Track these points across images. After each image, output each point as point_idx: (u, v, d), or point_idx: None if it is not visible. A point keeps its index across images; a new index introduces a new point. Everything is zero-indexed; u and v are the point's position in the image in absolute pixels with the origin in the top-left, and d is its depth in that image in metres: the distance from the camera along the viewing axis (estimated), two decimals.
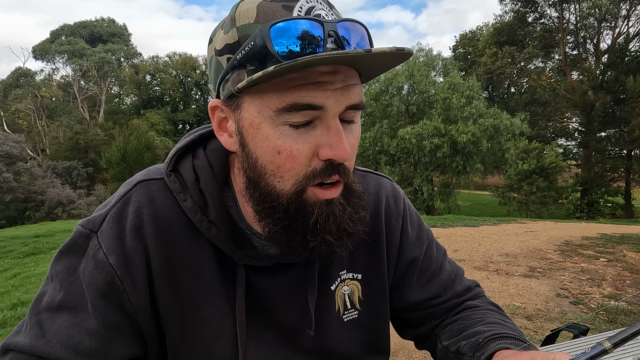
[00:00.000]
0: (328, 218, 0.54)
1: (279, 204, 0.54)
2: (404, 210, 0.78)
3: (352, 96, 0.52)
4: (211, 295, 0.61)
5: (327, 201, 0.54)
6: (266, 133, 0.52)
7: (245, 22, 0.51)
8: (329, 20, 0.50)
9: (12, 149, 21.04)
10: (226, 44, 0.53)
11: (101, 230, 0.59)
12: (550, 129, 27.54)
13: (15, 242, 8.55)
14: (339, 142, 0.51)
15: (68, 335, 0.57)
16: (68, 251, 0.60)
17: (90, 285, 0.57)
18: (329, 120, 0.51)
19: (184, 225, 0.60)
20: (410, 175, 20.11)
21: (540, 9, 25.27)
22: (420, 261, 0.77)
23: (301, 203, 0.54)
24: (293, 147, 0.51)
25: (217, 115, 0.58)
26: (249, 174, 0.56)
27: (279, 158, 0.52)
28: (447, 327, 0.74)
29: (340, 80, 0.50)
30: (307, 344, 0.67)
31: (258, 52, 0.48)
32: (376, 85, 20.68)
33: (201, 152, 0.65)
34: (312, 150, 0.52)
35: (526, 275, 4.45)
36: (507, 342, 0.62)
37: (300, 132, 0.51)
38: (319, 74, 0.49)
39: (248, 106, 0.53)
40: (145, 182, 0.63)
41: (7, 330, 3.50)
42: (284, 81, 0.49)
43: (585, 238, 6.75)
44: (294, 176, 0.53)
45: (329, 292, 0.69)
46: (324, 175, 0.53)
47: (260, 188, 0.55)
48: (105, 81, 37.42)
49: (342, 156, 0.51)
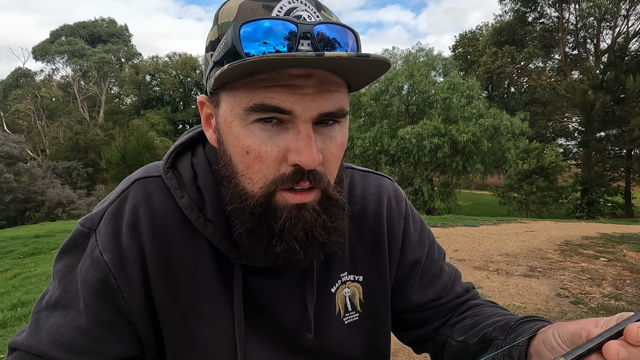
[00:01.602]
0: (296, 224, 0.52)
1: (246, 205, 0.53)
2: (405, 211, 0.77)
3: (326, 103, 0.50)
4: (209, 294, 0.61)
5: (298, 206, 0.52)
6: (237, 132, 0.51)
7: (225, 20, 0.52)
8: (308, 22, 0.49)
9: (12, 150, 21.04)
10: (210, 41, 0.54)
11: (99, 228, 0.59)
12: (550, 128, 27.53)
13: (15, 242, 8.56)
14: (307, 148, 0.49)
15: (59, 333, 0.56)
16: (68, 250, 0.61)
17: (85, 282, 0.57)
18: (299, 125, 0.49)
19: (180, 224, 0.60)
20: (410, 175, 20.10)
21: (540, 8, 25.28)
22: (423, 263, 0.76)
23: (269, 207, 0.52)
24: (262, 148, 0.50)
25: (205, 111, 0.59)
26: (224, 171, 0.56)
27: (247, 158, 0.51)
28: (457, 324, 0.73)
29: (313, 85, 0.49)
30: (307, 345, 0.66)
31: (229, 50, 0.48)
32: (376, 85, 20.66)
33: (200, 150, 0.65)
34: (281, 153, 0.50)
35: (526, 275, 4.45)
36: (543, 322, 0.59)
37: (270, 134, 0.50)
38: (289, 76, 0.48)
39: (223, 103, 0.53)
40: (142, 179, 0.62)
41: (7, 330, 3.50)
42: (254, 81, 0.48)
43: (586, 238, 6.75)
44: (262, 179, 0.52)
45: (329, 294, 0.68)
46: (292, 181, 0.51)
47: (232, 187, 0.55)
48: (105, 81, 37.44)
49: (308, 163, 0.49)
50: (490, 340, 0.62)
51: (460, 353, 0.69)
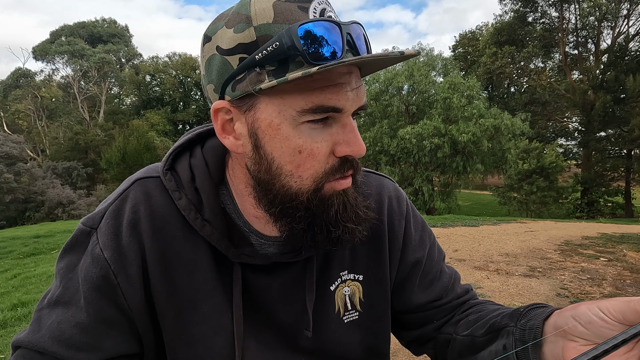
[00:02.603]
0: (346, 207, 0.57)
1: (299, 202, 0.55)
2: (406, 212, 0.77)
3: (362, 97, 0.55)
4: (208, 292, 0.62)
5: (344, 191, 0.57)
6: (286, 133, 0.52)
7: (264, 21, 0.50)
8: (344, 22, 0.52)
9: (12, 150, 21.06)
10: (239, 43, 0.51)
11: (100, 227, 0.60)
12: (550, 128, 27.53)
13: (15, 242, 8.57)
14: (355, 139, 0.54)
15: (60, 329, 0.57)
16: (70, 249, 0.62)
17: (85, 279, 0.58)
18: (344, 119, 0.54)
19: (179, 223, 0.61)
20: (410, 176, 20.11)
21: (541, 8, 25.29)
22: (423, 263, 0.76)
23: (321, 198, 0.55)
24: (313, 145, 0.53)
25: (221, 117, 0.56)
26: (262, 175, 0.56)
27: (299, 157, 0.53)
28: (461, 321, 0.72)
29: (354, 82, 0.53)
30: (306, 344, 0.67)
31: (283, 52, 0.48)
32: (376, 85, 20.70)
33: (198, 151, 0.65)
34: (330, 148, 0.54)
35: (526, 275, 4.45)
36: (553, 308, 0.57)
37: (318, 131, 0.53)
38: (338, 75, 0.51)
39: (266, 107, 0.52)
40: (143, 180, 0.64)
41: (7, 330, 3.50)
42: (307, 82, 0.50)
43: (586, 238, 6.75)
44: (313, 174, 0.54)
45: (329, 292, 0.68)
46: (341, 171, 0.55)
47: (276, 190, 0.55)
48: (105, 82, 37.44)
49: (359, 152, 0.54)
50: (500, 328, 0.61)
51: (466, 348, 0.67)
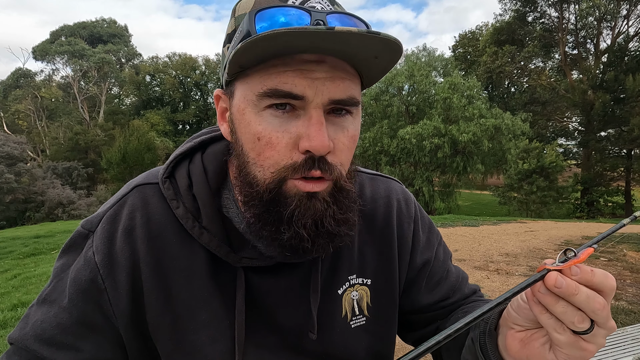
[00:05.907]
0: (306, 212, 0.52)
1: (256, 192, 0.54)
2: (415, 214, 0.76)
3: (337, 89, 0.50)
4: (206, 299, 0.60)
5: (309, 194, 0.52)
6: (249, 119, 0.52)
7: (242, 12, 0.53)
8: (320, 10, 0.50)
9: (12, 150, 21.07)
10: (227, 34, 0.56)
11: (96, 231, 0.60)
12: (550, 128, 27.54)
13: (15, 242, 8.57)
14: (317, 133, 0.49)
15: (42, 328, 0.57)
16: (67, 250, 0.62)
17: (74, 280, 0.58)
18: (311, 111, 0.50)
19: (176, 230, 0.60)
20: (410, 176, 20.11)
21: (540, 8, 25.30)
22: (431, 264, 0.75)
23: (280, 193, 0.52)
24: (272, 134, 0.50)
25: (220, 105, 0.60)
26: (237, 162, 0.57)
27: (258, 145, 0.52)
28: (453, 317, 0.73)
29: (324, 70, 0.49)
30: (310, 347, 0.65)
31: (244, 36, 0.50)
32: (376, 85, 20.67)
33: (198, 157, 0.65)
34: (293, 140, 0.51)
35: (526, 274, 4.45)
36: None
37: (281, 120, 0.51)
38: (301, 61, 0.49)
39: (237, 92, 0.54)
40: (141, 186, 0.64)
41: (7, 330, 3.51)
42: (267, 67, 0.49)
43: (586, 237, 6.76)
44: (273, 165, 0.52)
45: (335, 295, 0.67)
46: (303, 169, 0.51)
47: (243, 176, 0.55)
48: (105, 82, 37.44)
49: (318, 148, 0.49)
50: None
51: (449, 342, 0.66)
